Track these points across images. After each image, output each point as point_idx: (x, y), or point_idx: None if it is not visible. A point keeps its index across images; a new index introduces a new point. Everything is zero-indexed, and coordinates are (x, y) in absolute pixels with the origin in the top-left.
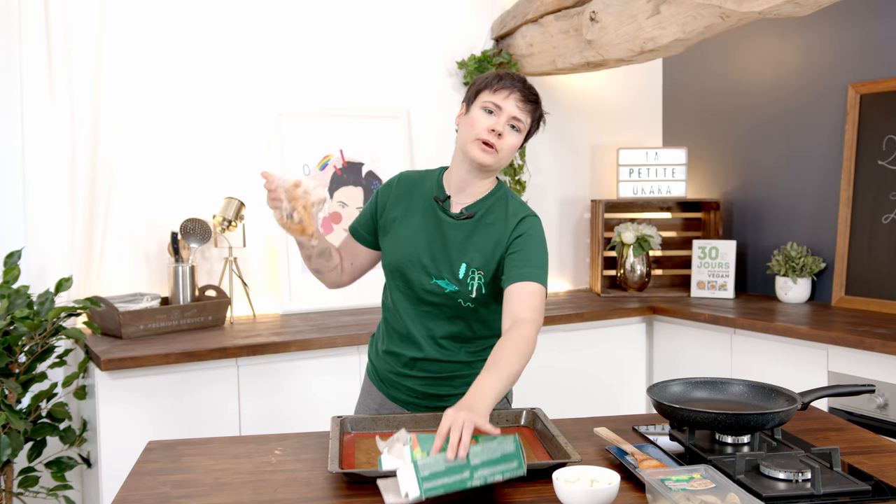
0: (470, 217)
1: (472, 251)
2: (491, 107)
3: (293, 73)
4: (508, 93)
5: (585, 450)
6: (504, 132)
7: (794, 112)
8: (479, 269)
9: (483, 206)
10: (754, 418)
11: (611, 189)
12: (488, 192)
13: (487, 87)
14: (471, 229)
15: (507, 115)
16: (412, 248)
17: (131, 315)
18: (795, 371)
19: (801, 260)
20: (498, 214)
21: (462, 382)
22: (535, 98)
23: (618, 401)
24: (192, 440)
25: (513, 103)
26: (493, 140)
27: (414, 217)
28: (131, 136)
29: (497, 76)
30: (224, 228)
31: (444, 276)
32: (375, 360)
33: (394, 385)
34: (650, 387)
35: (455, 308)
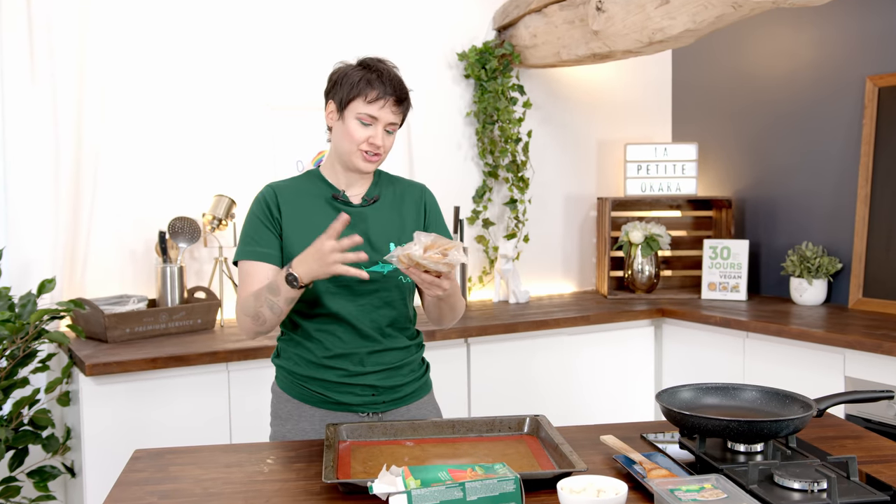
0: (376, 200)
1: (394, 229)
2: (367, 119)
3: (286, 66)
4: (383, 103)
5: (591, 458)
6: (384, 141)
7: (809, 106)
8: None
9: (379, 189)
10: (768, 426)
11: (618, 186)
12: (374, 178)
13: (360, 96)
14: (382, 211)
15: (383, 123)
16: None
17: (117, 318)
18: (811, 376)
19: (816, 260)
20: (397, 192)
21: (409, 370)
22: (405, 94)
23: (625, 407)
24: (180, 448)
25: (388, 112)
26: (374, 151)
27: (316, 218)
28: (117, 130)
29: (366, 81)
30: (214, 227)
31: (378, 260)
32: (313, 372)
33: (345, 390)
34: (659, 393)
35: (396, 289)
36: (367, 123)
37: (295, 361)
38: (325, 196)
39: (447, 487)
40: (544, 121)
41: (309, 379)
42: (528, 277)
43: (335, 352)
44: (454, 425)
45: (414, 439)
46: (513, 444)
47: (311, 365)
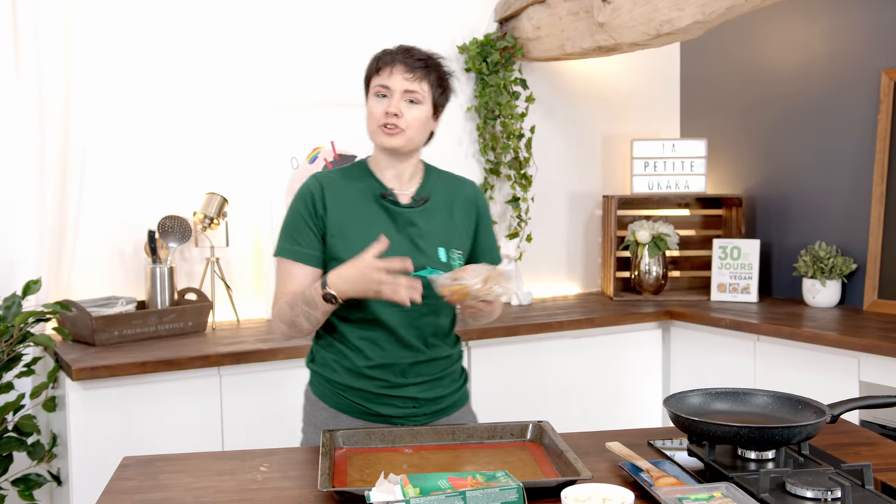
0: (427, 200)
1: (444, 233)
2: (381, 90)
3: (281, 60)
4: (390, 70)
5: (597, 466)
6: (401, 110)
7: (822, 100)
8: (457, 248)
9: (430, 188)
10: (779, 432)
11: (624, 184)
12: (425, 175)
13: (373, 72)
14: (433, 212)
15: (398, 92)
16: None
17: (105, 320)
18: (824, 381)
19: (830, 261)
20: (448, 191)
21: (451, 380)
22: (423, 62)
23: (632, 413)
24: (170, 456)
25: (399, 78)
26: (394, 121)
27: (363, 218)
28: (105, 125)
29: (376, 57)
30: (205, 226)
31: (425, 265)
32: (351, 380)
33: (386, 401)
34: (667, 398)
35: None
36: (382, 95)
37: (333, 368)
38: (374, 194)
39: (447, 496)
40: (548, 116)
41: (347, 388)
42: (530, 278)
43: (376, 361)
44: (454, 431)
45: (413, 446)
46: (515, 451)
47: (350, 374)
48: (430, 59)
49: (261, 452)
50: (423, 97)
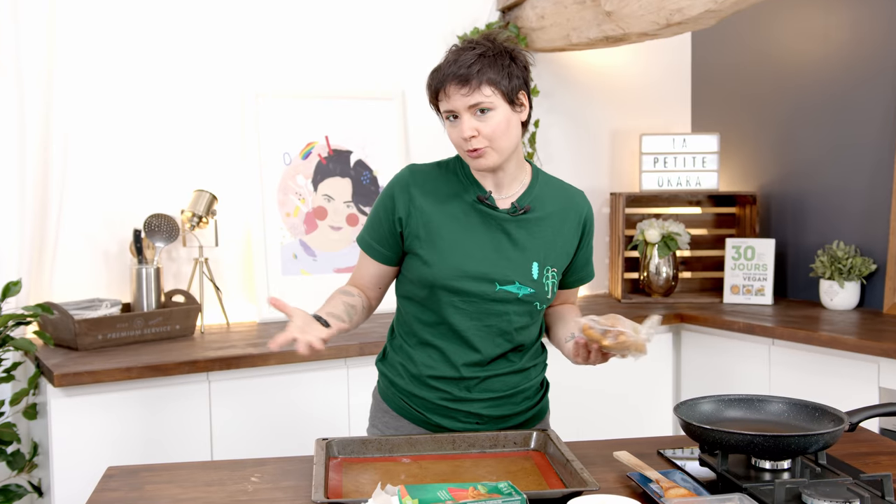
0: (527, 210)
1: (542, 248)
2: (448, 115)
3: (272, 49)
4: (445, 91)
5: (604, 476)
6: (475, 128)
7: (841, 93)
8: (552, 266)
9: (534, 196)
10: (795, 441)
11: (632, 181)
12: (531, 181)
13: (433, 99)
14: (533, 224)
15: (463, 111)
16: (465, 254)
17: (88, 324)
18: (842, 387)
19: (848, 261)
20: (555, 202)
21: (523, 398)
22: (472, 65)
23: (640, 421)
24: (157, 466)
25: (457, 97)
26: (473, 145)
27: (454, 220)
28: (88, 119)
29: (429, 83)
30: (194, 225)
31: (514, 279)
32: (416, 388)
33: (448, 414)
34: (677, 405)
35: (528, 314)
36: (452, 121)
37: (398, 372)
38: (470, 196)
39: None
40: (552, 110)
41: (410, 395)
42: None
43: (440, 372)
44: (455, 440)
45: (411, 455)
46: (519, 460)
47: (413, 380)
48: (482, 56)
49: (252, 462)
50: (492, 101)
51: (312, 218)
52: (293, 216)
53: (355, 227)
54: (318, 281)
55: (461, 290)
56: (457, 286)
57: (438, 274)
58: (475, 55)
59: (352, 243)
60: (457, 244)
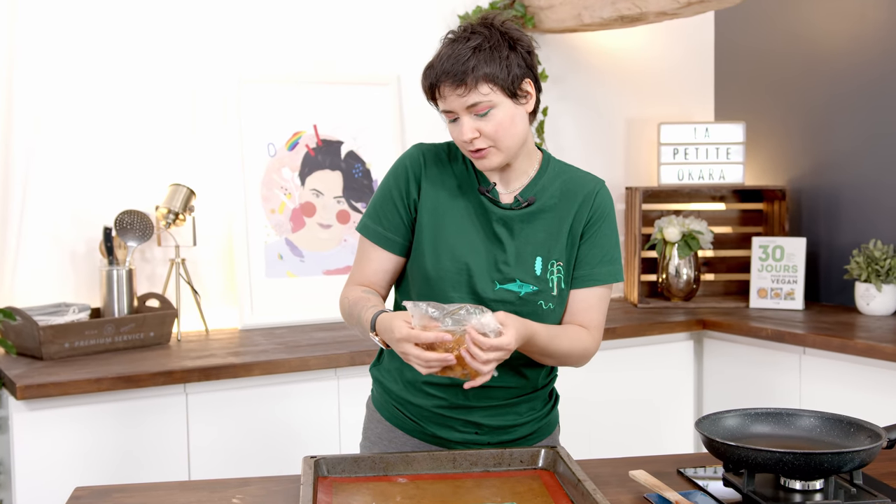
0: (531, 203)
1: (546, 241)
2: (447, 115)
3: (256, 31)
4: (440, 93)
5: (619, 498)
6: (476, 129)
7: (878, 78)
8: (557, 260)
9: (540, 187)
10: (829, 459)
11: (650, 174)
12: (538, 171)
13: (429, 95)
14: (534, 216)
15: (461, 112)
16: (464, 250)
17: (54, 331)
18: (880, 400)
19: (886, 262)
20: (562, 191)
21: (528, 408)
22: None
23: (659, 437)
24: (129, 486)
25: (452, 98)
26: (475, 146)
27: (457, 211)
28: (53, 108)
29: (425, 74)
30: (169, 223)
31: (515, 276)
32: (410, 395)
33: (445, 423)
34: (699, 420)
35: (533, 314)
36: (451, 120)
37: (393, 377)
38: (472, 187)
39: None
40: (563, 96)
41: (404, 402)
42: None
43: (438, 378)
44: (455, 458)
45: (407, 475)
46: (525, 480)
47: (408, 386)
48: (477, 49)
49: (234, 482)
50: (491, 99)
51: (299, 215)
52: (278, 213)
53: (346, 224)
54: (306, 284)
55: (459, 288)
56: (455, 284)
57: (437, 270)
58: (469, 49)
59: (342, 243)
60: (457, 239)
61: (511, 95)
